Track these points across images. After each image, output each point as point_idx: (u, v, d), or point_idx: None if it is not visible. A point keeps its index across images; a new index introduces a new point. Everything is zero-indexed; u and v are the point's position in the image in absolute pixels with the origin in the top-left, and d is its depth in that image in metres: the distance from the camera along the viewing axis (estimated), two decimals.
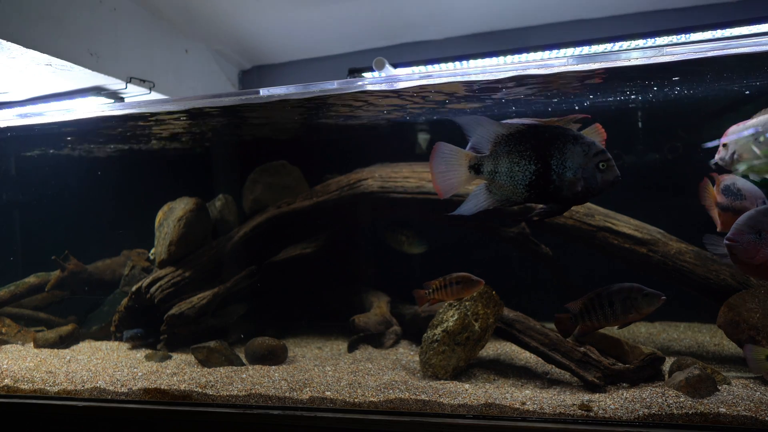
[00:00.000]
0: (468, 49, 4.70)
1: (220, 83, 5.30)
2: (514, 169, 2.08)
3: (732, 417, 2.25)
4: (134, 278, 4.52)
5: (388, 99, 3.63)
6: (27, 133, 4.63)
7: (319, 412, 2.58)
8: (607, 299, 2.45)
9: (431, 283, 2.91)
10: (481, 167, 2.12)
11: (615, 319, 2.46)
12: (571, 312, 2.50)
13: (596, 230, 3.59)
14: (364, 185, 4.05)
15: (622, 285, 2.47)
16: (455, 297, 2.90)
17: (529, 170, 2.06)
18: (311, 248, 4.26)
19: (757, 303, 2.87)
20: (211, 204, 4.72)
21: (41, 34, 3.31)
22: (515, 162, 2.07)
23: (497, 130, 2.10)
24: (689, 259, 3.39)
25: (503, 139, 2.09)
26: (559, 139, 2.04)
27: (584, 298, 2.49)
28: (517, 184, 2.09)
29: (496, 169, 2.10)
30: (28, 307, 4.78)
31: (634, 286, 2.45)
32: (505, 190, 2.12)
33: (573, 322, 2.51)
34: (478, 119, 2.12)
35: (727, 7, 4.27)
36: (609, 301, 2.45)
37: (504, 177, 2.10)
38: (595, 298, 2.47)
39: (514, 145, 2.08)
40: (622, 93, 3.69)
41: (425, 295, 2.92)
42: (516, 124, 2.09)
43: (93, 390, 2.98)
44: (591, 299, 2.47)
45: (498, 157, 2.10)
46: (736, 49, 2.62)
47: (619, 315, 2.44)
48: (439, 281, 2.87)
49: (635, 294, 2.43)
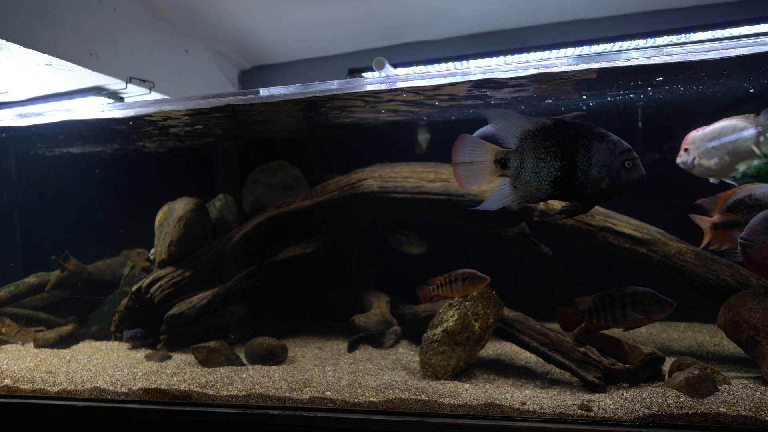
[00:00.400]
0: (468, 49, 4.70)
1: (220, 83, 5.30)
2: (540, 165, 2.06)
3: (732, 417, 2.25)
4: (134, 278, 4.52)
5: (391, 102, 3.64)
6: (27, 133, 4.63)
7: (319, 412, 2.58)
8: (619, 301, 2.43)
9: (435, 279, 2.89)
10: (507, 162, 2.11)
11: (624, 321, 2.44)
12: (578, 308, 2.49)
13: (596, 230, 3.59)
14: (364, 185, 4.05)
15: (636, 288, 2.45)
16: (460, 294, 2.89)
17: (554, 167, 2.05)
18: (311, 248, 4.26)
19: (757, 303, 2.87)
20: (211, 204, 4.72)
21: (41, 34, 3.32)
22: (541, 158, 2.06)
23: (524, 124, 2.08)
24: (689, 259, 3.39)
25: (530, 135, 2.08)
26: (585, 136, 2.03)
27: (595, 296, 2.47)
28: (542, 180, 2.08)
29: (522, 165, 2.09)
30: (28, 307, 4.78)
31: (648, 290, 2.43)
32: (530, 186, 2.10)
33: (579, 318, 2.49)
34: (505, 113, 2.10)
35: (727, 7, 4.27)
36: (620, 303, 2.43)
37: (529, 173, 2.09)
38: (606, 298, 2.45)
39: (541, 140, 2.06)
40: (622, 93, 3.68)
41: (429, 292, 2.91)
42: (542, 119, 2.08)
43: (93, 390, 2.98)
44: (602, 299, 2.45)
45: (524, 153, 2.08)
46: (736, 49, 2.62)
47: (628, 318, 2.43)
48: (444, 277, 2.86)
49: (648, 299, 2.41)
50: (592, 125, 2.04)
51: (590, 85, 3.35)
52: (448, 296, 2.92)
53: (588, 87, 3.40)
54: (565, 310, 2.54)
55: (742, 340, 2.83)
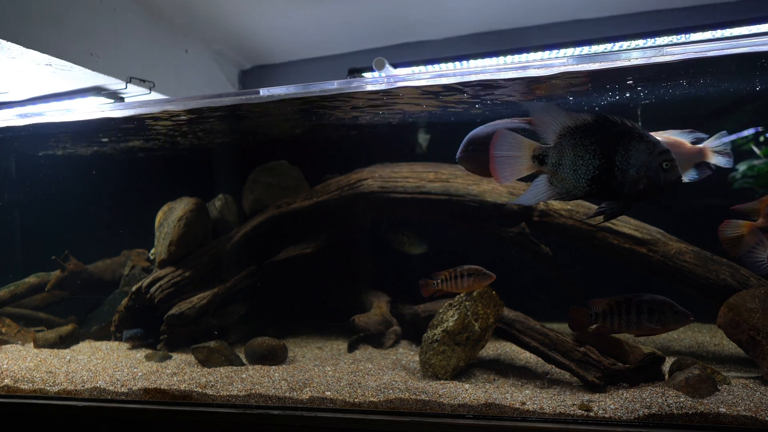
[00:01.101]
0: (468, 49, 4.70)
1: (220, 83, 5.30)
2: (578, 163, 2.05)
3: (732, 417, 2.25)
4: (134, 278, 4.52)
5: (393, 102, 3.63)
6: (27, 133, 4.62)
7: (319, 412, 2.58)
8: (636, 307, 2.41)
9: (439, 273, 2.87)
10: (545, 158, 2.09)
11: (638, 328, 2.42)
12: (592, 309, 2.47)
13: (596, 230, 3.59)
14: (364, 185, 4.05)
15: (654, 296, 2.42)
16: (465, 290, 2.86)
17: (593, 165, 2.03)
18: (311, 248, 4.26)
19: (757, 303, 2.86)
20: (211, 204, 4.72)
21: (41, 34, 3.32)
22: (580, 155, 2.04)
23: (564, 120, 2.06)
24: (689, 259, 3.39)
25: (569, 131, 2.06)
26: (625, 135, 2.01)
27: (610, 299, 2.45)
28: (579, 177, 2.06)
29: (560, 162, 2.07)
30: (28, 307, 4.78)
31: (666, 300, 2.41)
32: (567, 183, 2.09)
33: (591, 319, 2.47)
34: (546, 107, 2.09)
35: (727, 7, 4.27)
36: (637, 309, 2.40)
37: (567, 170, 2.07)
38: (623, 302, 2.42)
39: (580, 138, 2.05)
40: (622, 93, 3.68)
41: (432, 287, 2.89)
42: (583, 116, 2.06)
43: (93, 390, 2.98)
44: (618, 303, 2.43)
45: (563, 150, 2.07)
46: (736, 49, 2.62)
47: (643, 325, 2.40)
48: (449, 272, 2.84)
49: (666, 309, 2.39)
50: (632, 124, 2.02)
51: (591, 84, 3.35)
52: (452, 291, 2.90)
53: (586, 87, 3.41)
54: (576, 310, 2.52)
55: (742, 340, 2.83)
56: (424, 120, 4.40)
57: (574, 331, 2.64)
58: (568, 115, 2.07)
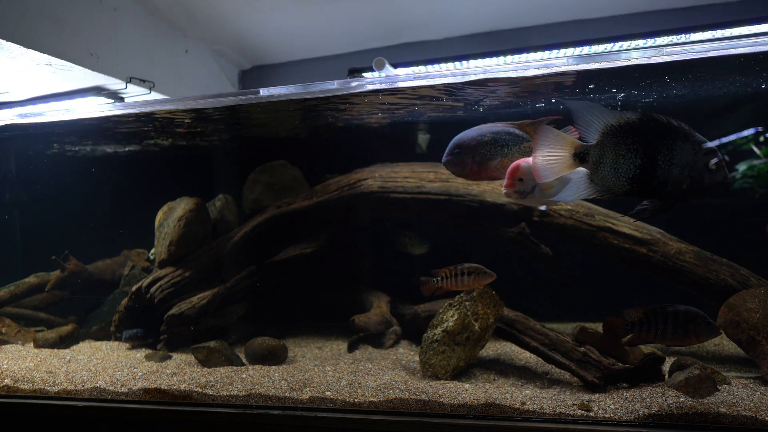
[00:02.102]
0: (468, 49, 4.70)
1: (220, 83, 5.30)
2: (620, 162, 2.03)
3: (732, 417, 2.25)
4: (134, 278, 4.52)
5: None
6: (26, 133, 4.62)
7: (319, 412, 2.58)
8: (671, 317, 2.41)
9: (440, 271, 2.86)
10: (587, 156, 2.08)
11: (672, 338, 2.41)
12: (626, 319, 2.47)
13: (596, 230, 3.59)
14: (364, 185, 4.05)
15: (689, 308, 2.42)
16: (465, 288, 2.85)
17: (634, 164, 2.01)
18: (311, 248, 4.26)
19: (757, 303, 2.87)
20: (211, 204, 4.72)
21: (41, 34, 3.31)
22: (621, 154, 2.02)
23: (607, 119, 2.05)
24: (689, 259, 3.39)
25: (612, 130, 2.05)
26: (669, 134, 1.99)
27: (645, 309, 2.45)
28: (620, 176, 2.04)
29: (601, 160, 2.06)
30: (28, 307, 4.78)
31: (700, 312, 2.41)
32: (607, 181, 2.07)
33: (626, 329, 2.47)
34: (589, 105, 2.07)
35: (727, 7, 4.27)
36: (672, 320, 2.40)
37: (608, 168, 2.05)
38: (659, 312, 2.42)
39: (622, 136, 2.03)
40: (622, 93, 3.68)
41: (432, 285, 2.89)
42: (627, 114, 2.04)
43: (93, 390, 2.98)
44: (654, 312, 2.43)
45: (604, 148, 2.05)
46: (736, 49, 2.62)
47: (677, 336, 2.40)
48: (449, 270, 2.83)
49: (700, 320, 2.38)
50: (678, 123, 2.00)
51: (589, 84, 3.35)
52: (452, 289, 2.89)
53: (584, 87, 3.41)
54: (611, 320, 2.52)
55: (742, 340, 2.83)
56: (424, 120, 4.40)
57: (609, 340, 2.63)
58: (611, 113, 2.05)
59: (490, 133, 2.57)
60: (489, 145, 2.55)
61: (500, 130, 2.57)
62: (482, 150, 2.55)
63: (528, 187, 2.39)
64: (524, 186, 2.39)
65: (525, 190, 2.40)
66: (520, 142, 2.55)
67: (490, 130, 2.58)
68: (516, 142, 2.55)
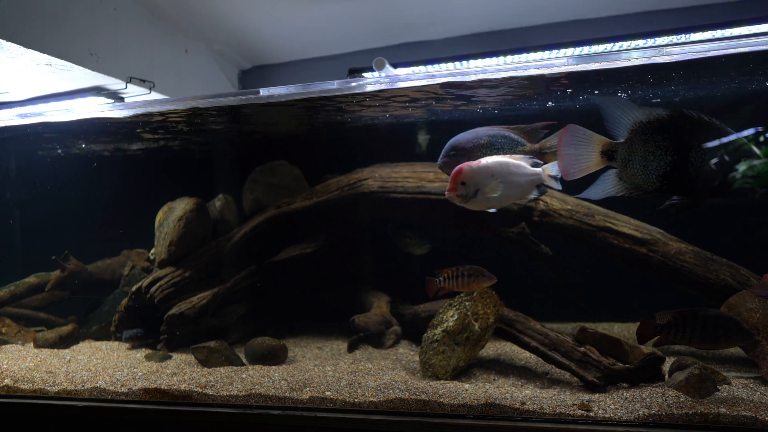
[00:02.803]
0: (468, 49, 4.70)
1: (220, 83, 5.30)
2: (649, 159, 2.01)
3: (732, 417, 2.25)
4: (134, 278, 4.52)
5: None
6: (26, 133, 4.63)
7: (319, 412, 2.58)
8: (702, 321, 2.40)
9: (443, 271, 2.87)
10: (615, 153, 2.07)
11: (701, 342, 2.41)
12: (657, 321, 2.47)
13: (596, 230, 3.59)
14: (364, 185, 4.05)
15: (721, 312, 2.42)
16: (465, 289, 2.85)
17: (664, 161, 1.99)
18: (311, 248, 4.26)
19: (757, 303, 2.87)
20: (211, 204, 4.72)
21: (41, 34, 3.31)
22: (651, 151, 2.00)
23: (637, 116, 2.03)
24: (689, 259, 3.39)
25: (641, 126, 2.02)
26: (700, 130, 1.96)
27: (676, 312, 2.44)
28: (650, 173, 2.03)
29: (630, 157, 2.04)
30: (28, 307, 4.78)
31: (732, 317, 2.41)
32: (636, 178, 2.06)
33: (656, 330, 2.47)
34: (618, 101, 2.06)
35: (727, 7, 4.27)
36: (702, 324, 2.39)
37: (637, 165, 2.04)
38: (689, 315, 2.42)
39: (652, 133, 2.01)
40: (620, 93, 3.68)
41: (436, 284, 2.89)
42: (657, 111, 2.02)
43: (93, 390, 2.98)
44: (684, 315, 2.42)
45: (633, 145, 2.03)
46: (736, 49, 2.62)
47: (708, 339, 2.39)
48: (452, 270, 2.83)
49: (732, 325, 2.37)
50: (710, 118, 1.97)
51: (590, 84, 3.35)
52: (453, 290, 2.89)
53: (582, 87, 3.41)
54: (644, 322, 2.52)
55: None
56: (424, 120, 4.40)
57: (639, 342, 2.64)
58: (640, 109, 2.03)
59: (486, 136, 2.58)
60: (485, 148, 2.56)
61: (496, 133, 2.58)
62: (478, 153, 2.56)
63: (470, 191, 2.40)
64: (467, 190, 2.40)
65: (468, 194, 2.41)
66: (515, 146, 2.56)
67: (486, 133, 2.59)
68: (511, 146, 2.56)
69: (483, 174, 2.38)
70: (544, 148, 2.50)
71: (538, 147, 2.53)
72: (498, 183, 2.36)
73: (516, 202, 2.48)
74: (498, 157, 2.42)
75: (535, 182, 2.45)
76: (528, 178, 2.41)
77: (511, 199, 2.47)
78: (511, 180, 2.38)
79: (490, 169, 2.38)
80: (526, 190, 2.45)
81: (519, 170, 2.40)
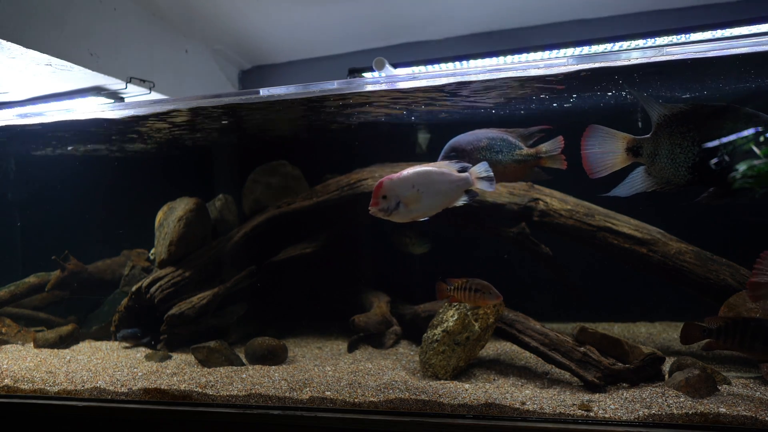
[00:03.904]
0: (468, 49, 4.70)
1: (220, 83, 5.30)
2: (676, 151, 1.99)
3: (732, 417, 2.25)
4: (134, 278, 4.52)
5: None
6: (26, 133, 4.62)
7: (319, 412, 2.58)
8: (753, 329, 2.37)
9: (454, 281, 2.88)
10: (641, 149, 2.06)
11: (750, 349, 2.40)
12: (707, 326, 2.46)
13: (596, 230, 3.59)
14: (364, 185, 4.05)
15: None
16: (471, 303, 2.88)
17: (692, 152, 1.97)
18: (311, 248, 4.26)
19: (757, 303, 2.86)
20: (211, 204, 4.72)
21: (41, 34, 3.31)
22: (677, 144, 1.98)
23: (659, 109, 2.02)
24: (689, 259, 3.39)
25: (666, 120, 2.01)
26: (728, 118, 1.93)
27: (727, 318, 2.43)
28: (678, 166, 2.01)
29: (657, 152, 2.03)
30: (28, 307, 4.78)
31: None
32: (666, 172, 2.04)
33: (704, 334, 2.46)
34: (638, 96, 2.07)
35: (727, 7, 4.27)
36: (753, 332, 2.38)
37: (665, 159, 2.02)
38: (740, 323, 2.40)
39: (677, 126, 1.99)
40: (620, 92, 3.69)
41: (446, 291, 2.90)
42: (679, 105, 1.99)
43: (93, 390, 2.98)
44: (735, 323, 2.40)
45: (659, 139, 2.01)
46: (736, 49, 2.61)
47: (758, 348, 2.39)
48: (462, 281, 2.85)
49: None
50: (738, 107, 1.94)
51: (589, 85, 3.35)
52: (461, 301, 2.91)
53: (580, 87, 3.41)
54: (689, 324, 2.52)
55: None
56: (424, 120, 4.40)
57: (683, 344, 2.63)
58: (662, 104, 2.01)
59: (486, 138, 2.59)
60: (485, 150, 2.57)
61: (495, 136, 2.60)
62: (478, 155, 2.57)
63: (392, 203, 2.42)
64: (388, 203, 2.43)
65: (389, 207, 2.43)
66: (513, 149, 2.57)
67: (486, 135, 2.60)
68: (509, 149, 2.57)
69: (403, 186, 2.41)
70: (540, 152, 2.51)
71: (534, 151, 2.54)
72: (419, 193, 2.39)
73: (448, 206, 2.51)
74: (421, 167, 2.46)
75: (462, 188, 2.47)
76: (454, 185, 2.43)
77: (436, 208, 2.48)
78: (434, 189, 2.41)
79: (410, 180, 2.41)
80: (453, 197, 2.46)
81: (443, 178, 2.43)
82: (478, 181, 2.43)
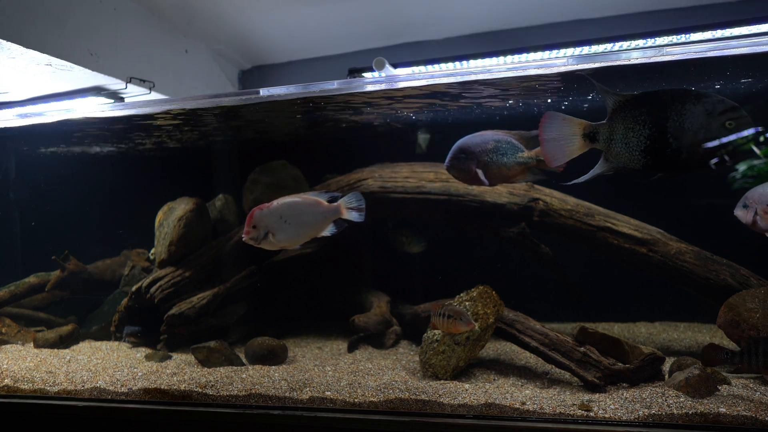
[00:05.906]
0: (468, 49, 4.70)
1: (220, 83, 5.30)
2: (629, 135, 2.01)
3: (732, 417, 2.25)
4: (134, 278, 4.52)
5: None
6: (26, 133, 4.62)
7: (319, 412, 2.58)
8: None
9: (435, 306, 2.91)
10: (597, 135, 2.08)
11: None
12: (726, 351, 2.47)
13: (596, 230, 3.59)
14: (364, 185, 4.05)
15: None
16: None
17: (643, 134, 1.98)
18: (311, 248, 4.26)
19: (757, 303, 2.87)
20: (211, 204, 4.72)
21: (41, 34, 3.31)
22: (630, 128, 2.00)
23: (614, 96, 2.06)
24: (689, 259, 3.39)
25: (619, 105, 2.04)
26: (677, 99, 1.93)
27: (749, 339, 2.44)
28: (632, 150, 2.02)
29: (612, 137, 2.05)
30: (28, 307, 4.78)
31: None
32: (621, 157, 2.06)
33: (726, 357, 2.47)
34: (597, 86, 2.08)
35: (727, 7, 4.27)
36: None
37: (619, 144, 2.04)
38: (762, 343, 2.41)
39: (630, 110, 2.01)
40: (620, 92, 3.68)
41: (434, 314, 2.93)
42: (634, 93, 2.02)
43: (93, 390, 2.98)
44: (756, 342, 2.42)
45: (614, 124, 2.04)
46: (736, 49, 2.62)
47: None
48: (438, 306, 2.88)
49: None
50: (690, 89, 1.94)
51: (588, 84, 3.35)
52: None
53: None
54: (712, 346, 2.52)
55: (742, 340, 2.83)
56: (425, 120, 4.40)
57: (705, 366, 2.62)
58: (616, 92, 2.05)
59: (493, 140, 2.63)
60: (492, 152, 2.61)
61: (501, 138, 2.63)
62: (485, 157, 2.60)
63: (261, 233, 2.60)
64: (257, 233, 2.60)
65: (258, 237, 2.60)
66: (517, 152, 2.61)
67: (493, 138, 2.63)
68: (513, 152, 2.61)
69: (272, 217, 2.59)
70: (540, 155, 2.53)
71: (534, 154, 2.57)
72: (287, 224, 2.56)
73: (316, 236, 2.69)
74: (291, 198, 2.63)
75: (329, 218, 2.64)
76: (321, 216, 2.60)
77: (303, 238, 2.65)
78: (301, 220, 2.59)
79: (278, 212, 2.59)
80: (320, 227, 2.64)
81: (312, 209, 2.60)
82: (347, 212, 2.61)
